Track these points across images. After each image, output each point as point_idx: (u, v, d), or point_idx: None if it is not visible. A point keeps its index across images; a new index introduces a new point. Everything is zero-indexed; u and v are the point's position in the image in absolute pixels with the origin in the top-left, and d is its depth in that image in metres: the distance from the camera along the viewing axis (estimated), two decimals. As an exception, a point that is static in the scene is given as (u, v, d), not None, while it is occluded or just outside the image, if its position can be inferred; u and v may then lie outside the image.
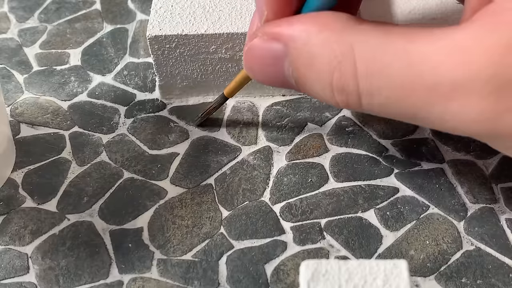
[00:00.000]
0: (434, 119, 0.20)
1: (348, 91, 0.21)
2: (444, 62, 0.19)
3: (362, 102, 0.21)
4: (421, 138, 0.33)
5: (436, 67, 0.19)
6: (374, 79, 0.20)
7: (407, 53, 0.20)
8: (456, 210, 0.30)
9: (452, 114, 0.20)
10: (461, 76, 0.19)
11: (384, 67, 0.20)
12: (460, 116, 0.20)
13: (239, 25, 0.32)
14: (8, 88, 0.37)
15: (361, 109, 0.22)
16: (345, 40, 0.21)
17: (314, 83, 0.22)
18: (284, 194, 0.31)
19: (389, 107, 0.21)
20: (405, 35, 0.20)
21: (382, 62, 0.20)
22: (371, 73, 0.20)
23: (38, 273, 0.29)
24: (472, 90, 0.19)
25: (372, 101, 0.21)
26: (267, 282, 0.28)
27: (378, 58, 0.20)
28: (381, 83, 0.20)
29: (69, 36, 0.40)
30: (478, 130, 0.20)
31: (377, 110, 0.22)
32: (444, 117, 0.20)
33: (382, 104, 0.21)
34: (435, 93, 0.19)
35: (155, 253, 0.29)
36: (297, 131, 0.34)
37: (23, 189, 0.32)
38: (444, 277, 0.28)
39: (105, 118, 0.35)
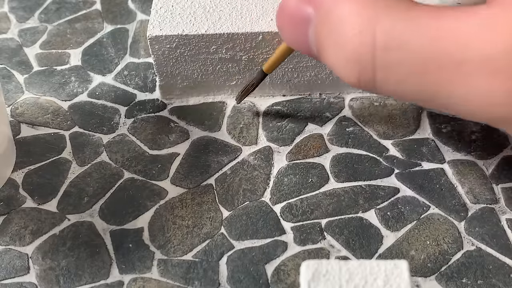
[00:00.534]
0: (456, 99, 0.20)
1: (363, 63, 0.21)
2: (472, 38, 0.19)
3: (376, 77, 0.21)
4: (422, 138, 0.33)
5: (463, 43, 0.19)
6: (394, 52, 0.20)
7: (433, 28, 0.19)
8: (456, 210, 0.30)
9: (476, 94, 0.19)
10: (489, 53, 0.18)
11: (407, 41, 0.20)
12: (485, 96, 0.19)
13: (239, 25, 0.32)
14: (8, 88, 0.37)
15: (374, 86, 0.21)
16: (368, 12, 0.20)
17: (330, 52, 0.22)
18: (284, 194, 0.31)
19: (408, 84, 0.20)
20: (431, 11, 0.20)
21: (405, 36, 0.20)
22: (392, 46, 0.20)
23: (38, 273, 0.29)
24: (500, 68, 0.18)
25: (389, 77, 0.20)
26: (267, 282, 0.28)
27: (401, 32, 0.20)
28: (401, 57, 0.20)
29: (69, 36, 0.40)
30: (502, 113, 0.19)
31: (392, 88, 0.21)
32: (468, 97, 0.19)
33: (400, 81, 0.20)
34: (461, 70, 0.19)
35: (155, 253, 0.29)
36: (298, 131, 0.34)
37: (24, 189, 0.32)
38: (444, 277, 0.28)
39: (105, 118, 0.35)
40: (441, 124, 0.33)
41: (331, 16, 0.21)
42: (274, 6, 0.33)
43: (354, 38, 0.21)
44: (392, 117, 0.34)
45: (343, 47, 0.21)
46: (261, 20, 0.32)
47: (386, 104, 0.34)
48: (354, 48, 0.21)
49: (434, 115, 0.34)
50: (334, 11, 0.21)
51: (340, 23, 0.21)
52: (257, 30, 0.32)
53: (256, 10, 0.33)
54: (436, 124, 0.33)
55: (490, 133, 0.33)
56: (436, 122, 0.33)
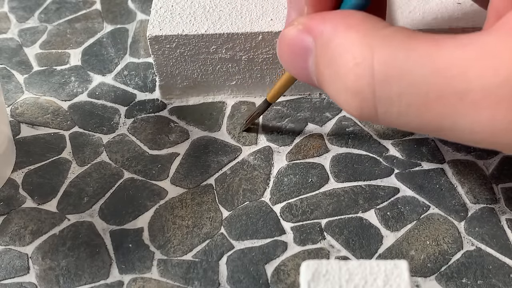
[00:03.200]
0: (462, 130, 0.19)
1: (363, 96, 0.20)
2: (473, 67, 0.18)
3: (377, 110, 0.20)
4: (422, 138, 0.33)
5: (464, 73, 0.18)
6: (394, 85, 0.19)
7: (433, 58, 0.19)
8: (456, 210, 0.30)
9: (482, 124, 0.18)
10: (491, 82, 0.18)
11: (407, 73, 0.19)
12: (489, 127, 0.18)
13: (239, 25, 0.32)
14: (8, 88, 0.37)
15: (376, 118, 0.21)
16: (366, 43, 0.20)
17: (330, 83, 0.21)
18: (284, 194, 0.31)
19: (410, 116, 0.20)
20: (430, 40, 0.19)
21: (405, 67, 0.19)
22: (391, 78, 0.19)
23: (38, 273, 0.29)
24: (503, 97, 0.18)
25: (391, 109, 0.20)
26: (267, 282, 0.28)
27: (400, 63, 0.19)
28: (402, 90, 0.19)
29: (69, 36, 0.40)
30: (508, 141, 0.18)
31: (395, 119, 0.20)
32: (472, 128, 0.19)
33: (402, 113, 0.20)
34: (465, 101, 0.18)
35: (155, 253, 0.29)
36: (298, 131, 0.34)
37: (23, 189, 0.32)
38: (444, 277, 0.28)
39: (105, 118, 0.35)
40: (441, 124, 0.33)
41: (330, 46, 0.21)
42: (274, 6, 0.33)
43: (352, 70, 0.20)
44: (392, 117, 0.34)
45: (342, 79, 0.21)
46: (261, 20, 0.32)
47: (386, 104, 0.34)
48: (353, 80, 0.20)
49: (434, 115, 0.34)
50: (332, 41, 0.21)
51: (338, 53, 0.21)
52: (257, 30, 0.32)
53: (256, 10, 0.33)
54: (436, 124, 0.33)
55: (490, 133, 0.33)
56: (436, 122, 0.33)
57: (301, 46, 0.23)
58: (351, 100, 0.21)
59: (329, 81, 0.22)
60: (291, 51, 0.23)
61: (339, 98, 0.21)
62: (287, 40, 0.23)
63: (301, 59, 0.23)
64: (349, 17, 0.21)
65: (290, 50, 0.23)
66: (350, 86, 0.20)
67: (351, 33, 0.21)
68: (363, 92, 0.20)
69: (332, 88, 0.22)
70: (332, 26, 0.21)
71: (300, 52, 0.23)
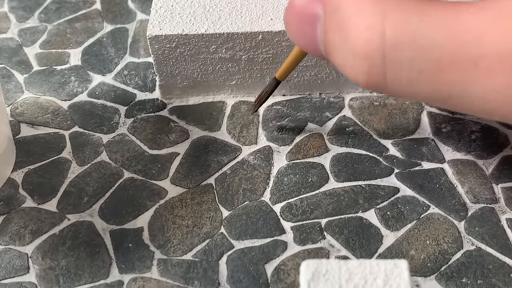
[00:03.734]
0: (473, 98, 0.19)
1: (372, 61, 0.20)
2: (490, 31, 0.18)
3: (387, 76, 0.20)
4: (422, 138, 0.33)
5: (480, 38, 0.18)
6: (406, 49, 0.19)
7: (448, 23, 0.18)
8: (456, 210, 0.30)
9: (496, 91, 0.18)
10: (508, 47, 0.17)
11: (419, 38, 0.19)
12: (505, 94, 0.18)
13: (239, 25, 0.32)
14: (8, 88, 0.37)
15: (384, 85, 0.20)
16: (378, 7, 0.19)
17: (337, 50, 0.21)
18: (284, 194, 0.31)
19: (420, 83, 0.19)
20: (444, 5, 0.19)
21: (418, 32, 0.19)
22: (403, 43, 0.19)
23: (38, 273, 0.29)
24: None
25: (400, 75, 0.19)
26: (267, 282, 0.28)
27: (413, 28, 0.19)
28: (413, 55, 0.19)
29: (69, 36, 0.40)
30: None
31: (404, 86, 0.20)
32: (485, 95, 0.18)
33: (412, 79, 0.19)
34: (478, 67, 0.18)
35: (155, 253, 0.29)
36: (298, 131, 0.34)
37: (23, 189, 0.32)
38: (444, 277, 0.28)
39: (105, 118, 0.35)
40: (441, 123, 0.33)
41: (339, 11, 0.20)
42: (274, 6, 0.33)
43: (362, 34, 0.20)
44: (392, 117, 0.34)
45: (351, 44, 0.20)
46: (261, 19, 0.32)
47: (386, 104, 0.34)
48: (362, 44, 0.20)
49: (434, 114, 0.34)
50: (342, 5, 0.20)
51: (347, 18, 0.20)
52: (257, 30, 0.32)
53: (256, 9, 0.33)
54: (436, 124, 0.33)
55: (490, 132, 0.33)
56: (436, 121, 0.33)
57: (310, 14, 0.22)
58: (359, 65, 0.20)
59: (336, 47, 0.21)
60: (299, 19, 0.23)
61: (346, 64, 0.21)
62: (296, 8, 0.23)
63: (309, 27, 0.22)
64: None
65: (299, 18, 0.23)
66: (359, 50, 0.20)
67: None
68: (372, 57, 0.20)
69: (339, 54, 0.21)
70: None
71: (309, 19, 0.22)
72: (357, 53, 0.20)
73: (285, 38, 0.32)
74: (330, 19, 0.21)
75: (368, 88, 0.21)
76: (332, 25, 0.21)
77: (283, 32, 0.32)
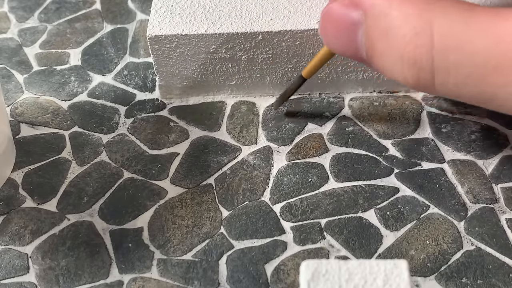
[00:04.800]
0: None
1: (421, 66, 0.21)
2: None
3: (435, 79, 0.21)
4: (421, 138, 0.33)
5: None
6: (453, 54, 0.20)
7: (493, 30, 0.19)
8: (456, 210, 0.30)
9: None
10: None
11: (466, 43, 0.20)
12: None
13: (239, 25, 0.32)
14: (8, 88, 0.37)
15: (432, 87, 0.21)
16: (424, 15, 0.20)
17: (384, 55, 0.22)
18: (284, 194, 0.31)
19: (466, 86, 0.20)
20: (490, 13, 0.20)
21: (464, 37, 0.20)
22: (450, 48, 0.20)
23: (38, 273, 0.29)
24: None
25: (447, 79, 0.20)
26: (267, 282, 0.28)
27: (459, 34, 0.20)
28: (460, 60, 0.20)
29: (69, 36, 0.40)
30: None
31: (451, 89, 0.21)
32: None
33: (459, 83, 0.20)
34: None
35: (155, 253, 0.29)
36: (297, 131, 0.34)
37: (23, 189, 0.32)
38: (444, 277, 0.28)
39: (105, 118, 0.35)
40: (441, 124, 0.33)
41: (384, 19, 0.21)
42: (274, 6, 0.33)
43: (411, 41, 0.21)
44: (392, 117, 0.34)
45: (399, 50, 0.21)
46: (260, 20, 0.32)
47: (386, 104, 0.34)
48: (411, 50, 0.21)
49: (434, 115, 0.34)
50: (387, 13, 0.21)
51: (395, 25, 0.21)
52: (257, 30, 0.32)
53: (256, 10, 0.33)
54: (436, 124, 0.33)
55: (490, 133, 0.33)
56: (436, 122, 0.33)
57: (349, 21, 0.23)
58: (407, 70, 0.21)
59: (382, 52, 0.22)
60: (337, 27, 0.23)
61: (394, 69, 0.22)
62: (333, 16, 0.23)
63: (349, 33, 0.23)
64: None
65: (337, 25, 0.23)
66: (408, 56, 0.21)
67: (407, 5, 0.21)
68: (421, 62, 0.21)
69: (385, 59, 0.22)
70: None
71: (348, 26, 0.23)
72: (405, 59, 0.21)
73: (285, 38, 0.32)
74: (374, 25, 0.22)
75: (417, 89, 0.22)
76: (376, 32, 0.22)
77: (283, 32, 0.32)
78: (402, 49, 0.21)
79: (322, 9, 0.32)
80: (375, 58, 0.23)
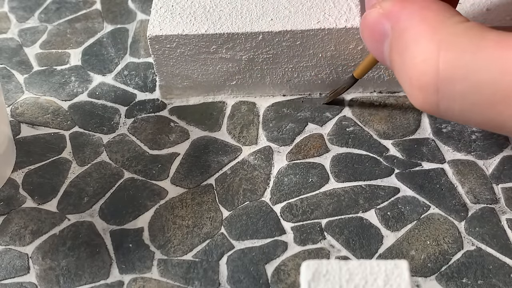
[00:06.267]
0: None
1: (427, 92, 0.21)
2: None
3: (440, 106, 0.21)
4: (422, 138, 0.33)
5: None
6: (458, 84, 0.20)
7: (502, 60, 0.19)
8: (456, 210, 0.30)
9: None
10: None
11: (472, 74, 0.19)
12: None
13: (239, 25, 0.32)
14: (8, 88, 0.37)
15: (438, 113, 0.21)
16: (433, 40, 0.20)
17: (399, 71, 0.22)
18: (284, 194, 0.31)
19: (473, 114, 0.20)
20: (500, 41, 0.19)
21: (470, 68, 0.19)
22: (455, 78, 0.20)
23: (38, 273, 0.29)
24: None
25: (453, 106, 0.20)
26: (267, 282, 0.28)
27: (466, 64, 0.20)
28: (466, 89, 0.20)
29: (69, 36, 0.40)
30: None
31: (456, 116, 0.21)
32: None
33: (465, 110, 0.20)
34: None
35: (155, 253, 0.29)
36: (298, 131, 0.34)
37: (24, 189, 0.32)
38: (445, 277, 0.28)
39: (105, 118, 0.35)
40: (441, 124, 0.33)
41: (403, 36, 0.22)
42: (274, 6, 0.33)
43: (418, 66, 0.21)
44: (392, 117, 0.34)
45: (409, 72, 0.21)
46: (261, 20, 0.32)
47: (386, 104, 0.34)
48: (417, 75, 0.21)
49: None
50: (406, 31, 0.22)
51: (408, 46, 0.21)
52: (257, 30, 0.32)
53: (256, 10, 0.33)
54: (436, 124, 0.33)
55: (490, 133, 0.33)
56: (436, 122, 0.33)
57: (379, 30, 0.23)
58: (415, 93, 0.21)
59: (398, 69, 0.22)
60: (370, 33, 0.24)
61: (404, 88, 0.22)
62: (368, 23, 0.24)
63: (378, 42, 0.24)
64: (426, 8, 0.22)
65: (370, 33, 0.24)
66: (415, 80, 0.21)
67: (424, 26, 0.21)
68: (426, 88, 0.21)
69: (399, 76, 0.22)
70: (409, 15, 0.22)
71: (378, 36, 0.23)
72: (413, 83, 0.21)
73: (285, 39, 0.32)
74: (396, 42, 0.22)
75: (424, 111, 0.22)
76: (396, 47, 0.22)
77: (283, 32, 0.32)
78: (411, 72, 0.21)
79: (322, 9, 0.32)
80: (394, 71, 0.23)
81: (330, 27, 0.32)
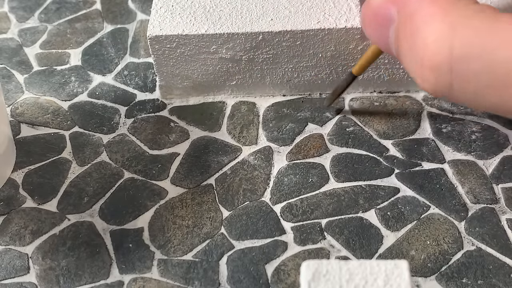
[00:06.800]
0: None
1: (440, 72, 0.20)
2: None
3: (453, 86, 0.20)
4: (422, 138, 0.33)
5: None
6: (473, 64, 0.20)
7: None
8: (456, 210, 0.30)
9: None
10: None
11: (487, 53, 0.19)
12: None
13: (239, 25, 0.32)
14: (8, 88, 0.37)
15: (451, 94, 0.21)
16: (448, 20, 0.20)
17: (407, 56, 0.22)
18: (284, 194, 0.31)
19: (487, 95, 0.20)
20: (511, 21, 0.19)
21: (486, 47, 0.19)
22: (470, 57, 0.20)
23: (38, 273, 0.29)
24: None
25: (467, 87, 0.20)
26: (267, 282, 0.28)
27: (481, 43, 0.19)
28: (480, 69, 0.19)
29: (69, 36, 0.40)
30: None
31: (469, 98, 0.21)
32: None
33: (478, 92, 0.20)
34: None
35: (155, 253, 0.29)
36: (298, 131, 0.34)
37: (24, 189, 0.32)
38: (445, 277, 0.28)
39: (105, 118, 0.35)
40: (441, 124, 0.33)
41: (412, 19, 0.21)
42: (274, 6, 0.33)
43: (431, 45, 0.20)
44: (392, 117, 0.34)
45: (420, 53, 0.21)
46: (261, 20, 0.32)
47: (386, 104, 0.34)
48: (430, 56, 0.20)
49: (434, 115, 0.34)
50: (415, 14, 0.21)
51: (419, 27, 0.21)
52: (257, 30, 0.32)
53: (256, 10, 0.33)
54: (436, 124, 0.33)
55: (490, 133, 0.33)
56: (436, 122, 0.33)
57: (384, 15, 0.23)
58: (426, 74, 0.21)
59: (406, 53, 0.22)
60: (374, 19, 0.24)
61: (414, 72, 0.22)
62: (372, 8, 0.24)
63: (383, 28, 0.23)
64: None
65: (373, 18, 0.24)
66: (427, 60, 0.21)
67: (434, 8, 0.21)
68: (440, 68, 0.20)
69: (408, 60, 0.22)
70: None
71: (383, 21, 0.23)
72: (424, 64, 0.21)
73: (285, 39, 0.32)
74: (404, 26, 0.22)
75: (434, 95, 0.22)
76: (403, 31, 0.22)
77: (283, 32, 0.32)
78: (422, 53, 0.21)
79: (322, 9, 0.32)
80: (401, 57, 0.23)
81: (330, 27, 0.32)
